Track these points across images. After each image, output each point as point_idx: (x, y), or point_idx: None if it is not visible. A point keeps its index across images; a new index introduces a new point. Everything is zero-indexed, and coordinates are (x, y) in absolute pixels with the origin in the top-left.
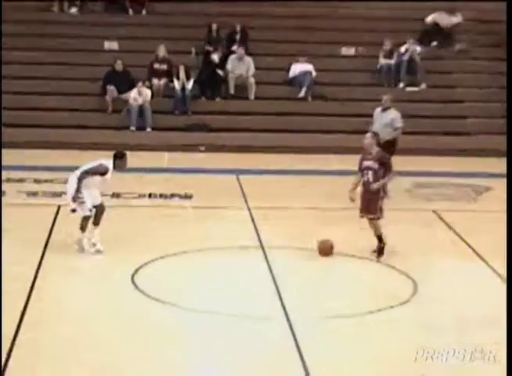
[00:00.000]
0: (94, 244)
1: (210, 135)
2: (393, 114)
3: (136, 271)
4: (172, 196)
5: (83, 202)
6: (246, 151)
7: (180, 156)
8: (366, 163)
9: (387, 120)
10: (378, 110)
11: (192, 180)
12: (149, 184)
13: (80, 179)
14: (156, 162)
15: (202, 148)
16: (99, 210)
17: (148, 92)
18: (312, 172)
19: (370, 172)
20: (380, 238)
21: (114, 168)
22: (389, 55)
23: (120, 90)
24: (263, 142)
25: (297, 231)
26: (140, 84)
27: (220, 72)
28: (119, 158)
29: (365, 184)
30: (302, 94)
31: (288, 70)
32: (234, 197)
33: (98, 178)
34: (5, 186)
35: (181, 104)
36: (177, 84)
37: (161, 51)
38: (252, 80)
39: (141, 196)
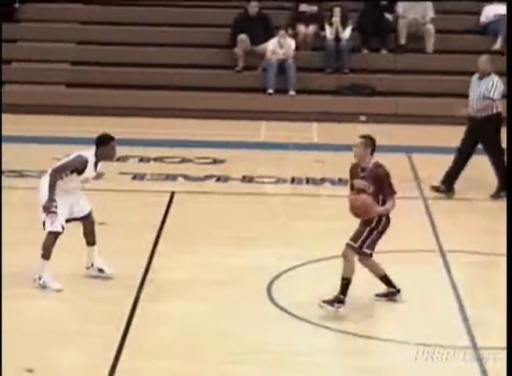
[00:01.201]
0: (100, 270)
1: (373, 99)
2: (491, 82)
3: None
4: (322, 181)
5: (54, 212)
6: (420, 122)
7: (333, 127)
8: (358, 183)
9: (481, 90)
10: (475, 77)
11: (350, 160)
12: (291, 165)
13: (51, 180)
14: (301, 136)
15: (363, 117)
16: (87, 225)
17: (291, 43)
18: None
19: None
20: (383, 279)
21: (97, 158)
22: None
23: (255, 40)
24: (443, 110)
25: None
26: (281, 32)
27: (388, 16)
28: (102, 144)
29: None
30: (498, 46)
31: (479, 13)
32: (405, 183)
33: (76, 177)
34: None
35: (334, 59)
36: (329, 33)
37: None
38: (430, 27)
39: (281, 180)
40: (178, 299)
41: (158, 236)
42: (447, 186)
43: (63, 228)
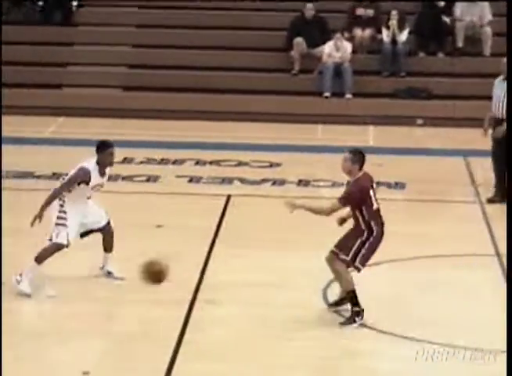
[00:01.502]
0: (109, 272)
1: (430, 103)
2: None
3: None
4: (378, 184)
5: (63, 225)
6: (477, 126)
7: (390, 131)
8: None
9: (505, 92)
10: (499, 78)
11: (406, 164)
12: None
13: (55, 193)
14: (357, 139)
15: (420, 121)
16: (106, 235)
17: (348, 47)
18: None
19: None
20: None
21: (99, 165)
22: None
23: (311, 43)
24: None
25: None
26: (338, 35)
27: (445, 19)
28: (100, 151)
29: None
30: None
31: None
32: (462, 187)
33: (86, 187)
34: (159, 169)
35: (391, 62)
36: (386, 36)
37: None
38: (488, 30)
39: (337, 184)
40: (233, 302)
41: (214, 239)
42: (501, 193)
43: (68, 244)
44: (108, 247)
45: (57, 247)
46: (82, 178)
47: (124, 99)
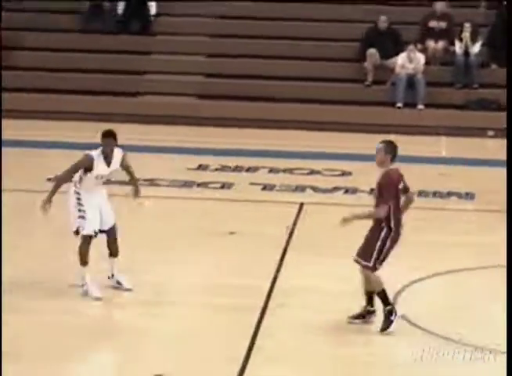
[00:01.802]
0: (119, 283)
1: (502, 115)
2: None
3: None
4: (449, 194)
5: (82, 217)
6: None
7: (462, 142)
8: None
9: None
10: None
11: (477, 175)
12: (418, 178)
13: (59, 179)
14: (429, 150)
15: (491, 133)
16: (111, 236)
17: (421, 58)
18: None
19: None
20: (369, 297)
21: (103, 154)
22: None
23: (384, 55)
24: None
25: None
26: (411, 47)
27: None
28: (102, 138)
29: None
30: None
31: None
32: None
33: (90, 175)
34: (233, 176)
35: (463, 74)
36: (458, 48)
37: (439, 4)
38: None
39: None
40: (304, 309)
41: (286, 247)
42: None
43: (95, 233)
44: (113, 251)
45: (86, 240)
46: (85, 164)
47: (199, 107)
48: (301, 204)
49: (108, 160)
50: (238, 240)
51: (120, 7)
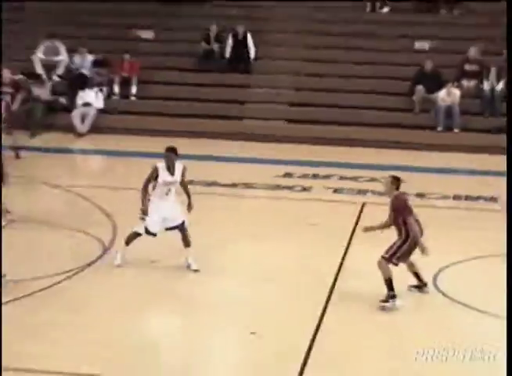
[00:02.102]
0: (189, 266)
1: None
2: None
3: (438, 273)
4: (478, 198)
5: (142, 218)
6: None
7: (488, 158)
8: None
9: None
10: None
11: (500, 184)
12: (454, 185)
13: (142, 191)
14: (462, 164)
15: None
16: (181, 232)
17: (457, 93)
18: None
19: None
20: (415, 274)
21: (166, 164)
22: None
23: (429, 90)
24: None
25: None
26: (449, 84)
27: None
28: (164, 152)
29: None
30: None
31: None
32: None
33: (158, 183)
34: (311, 182)
35: (490, 105)
36: (486, 86)
37: (473, 52)
38: None
39: (445, 197)
40: (365, 284)
41: (351, 236)
42: None
43: (147, 232)
44: (185, 242)
45: (135, 235)
46: (153, 172)
47: (286, 129)
48: (363, 204)
49: (171, 170)
50: (316, 230)
51: (228, 51)
